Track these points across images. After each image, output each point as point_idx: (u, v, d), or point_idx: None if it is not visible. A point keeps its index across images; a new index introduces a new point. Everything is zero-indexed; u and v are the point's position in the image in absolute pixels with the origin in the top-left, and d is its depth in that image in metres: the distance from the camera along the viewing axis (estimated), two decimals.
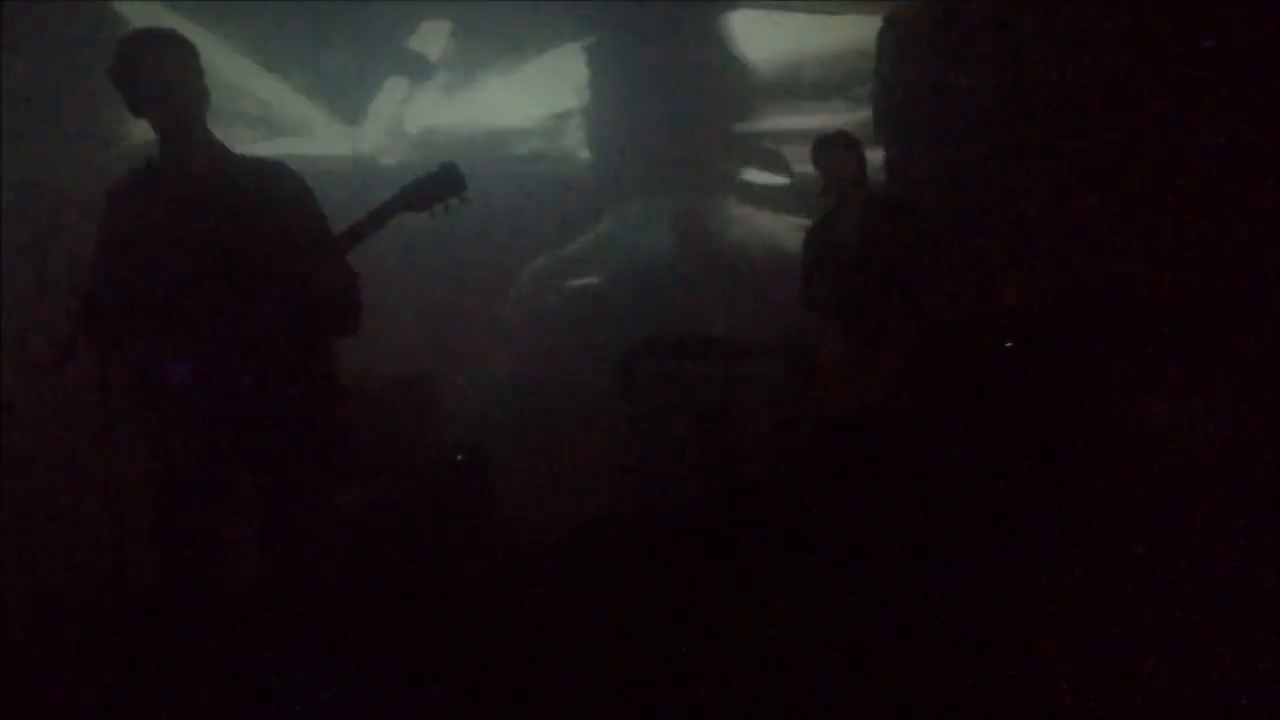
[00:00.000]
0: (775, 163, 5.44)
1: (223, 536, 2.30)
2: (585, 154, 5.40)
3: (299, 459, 2.31)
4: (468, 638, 2.89)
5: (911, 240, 3.42)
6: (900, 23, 4.16)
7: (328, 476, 2.42)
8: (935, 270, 3.44)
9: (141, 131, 2.31)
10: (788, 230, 5.27)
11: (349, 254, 2.26)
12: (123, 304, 2.22)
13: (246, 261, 2.23)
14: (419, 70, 5.22)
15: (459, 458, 3.76)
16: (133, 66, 2.20)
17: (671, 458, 3.87)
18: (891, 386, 3.30)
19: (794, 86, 5.43)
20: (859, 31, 4.98)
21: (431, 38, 5.15)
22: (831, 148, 3.50)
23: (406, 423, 3.83)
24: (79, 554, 2.77)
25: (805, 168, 3.88)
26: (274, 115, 5.10)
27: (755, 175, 5.58)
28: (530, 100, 5.45)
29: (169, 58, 2.23)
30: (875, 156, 3.92)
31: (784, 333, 3.82)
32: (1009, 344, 3.27)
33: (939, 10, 3.87)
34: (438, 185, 2.27)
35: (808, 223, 3.77)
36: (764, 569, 3.10)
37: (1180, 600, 2.42)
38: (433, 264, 4.35)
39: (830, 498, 3.17)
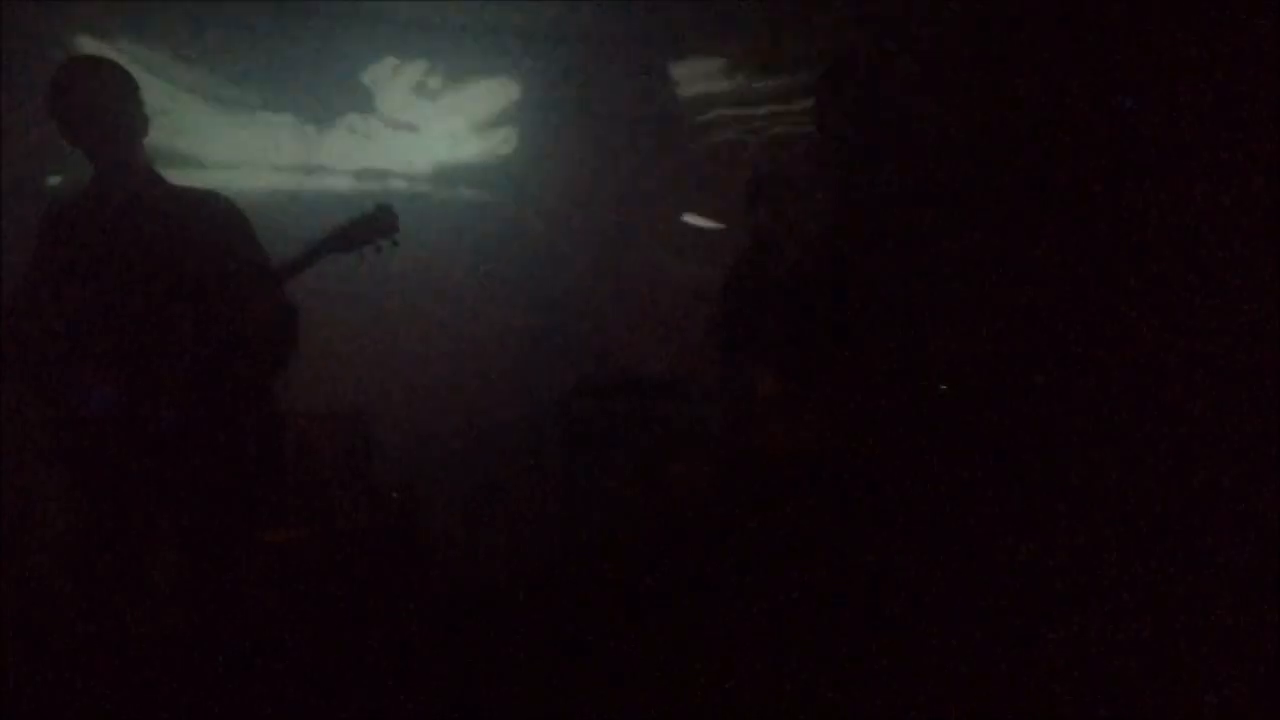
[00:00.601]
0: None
1: (143, 574, 2.22)
2: (527, 198, 5.44)
3: (224, 495, 2.26)
4: (399, 679, 2.84)
5: (847, 279, 3.44)
6: (838, 70, 4.24)
7: (254, 514, 2.36)
8: (872, 308, 3.47)
9: (78, 158, 2.26)
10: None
11: (279, 288, 2.24)
12: (46, 330, 2.17)
13: (176, 291, 2.20)
14: (366, 105, 5.20)
15: (394, 495, 3.72)
16: (68, 94, 2.17)
17: (607, 497, 3.87)
18: (828, 426, 3.32)
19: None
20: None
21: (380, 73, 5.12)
22: (770, 186, 3.51)
23: (340, 459, 3.78)
24: None
25: None
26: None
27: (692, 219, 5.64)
28: (475, 141, 5.46)
29: (104, 86, 2.20)
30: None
31: (718, 373, 3.83)
32: (944, 387, 3.30)
33: (876, 58, 3.94)
34: (371, 226, 2.26)
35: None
36: (700, 610, 3.10)
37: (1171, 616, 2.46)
38: (369, 301, 4.32)
39: (766, 538, 3.19)
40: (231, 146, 4.70)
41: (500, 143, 5.43)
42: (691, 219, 5.52)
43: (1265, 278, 2.35)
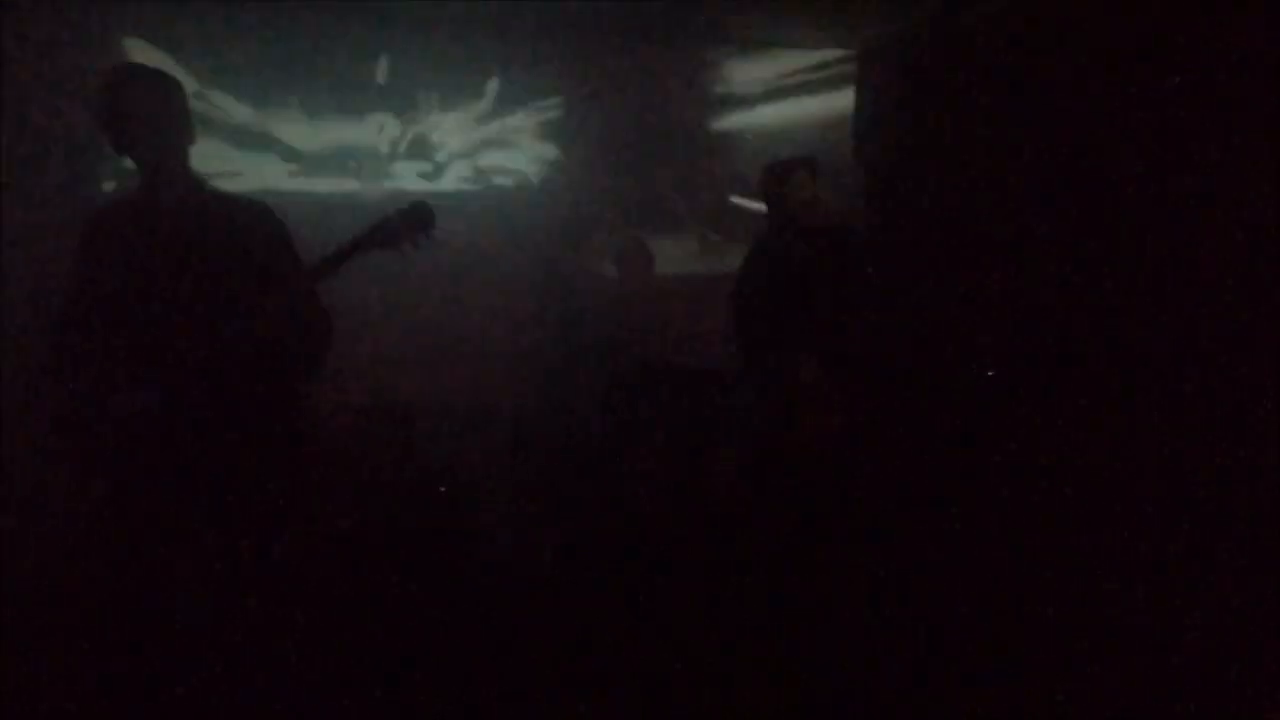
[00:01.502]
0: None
1: (176, 573, 2.25)
2: (559, 187, 5.48)
3: (254, 496, 2.29)
4: (446, 670, 2.87)
5: (870, 264, 3.39)
6: (875, 53, 4.17)
7: (283, 514, 2.38)
8: (898, 295, 3.42)
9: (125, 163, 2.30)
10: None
11: (316, 289, 2.26)
12: (90, 333, 2.22)
13: (215, 296, 2.23)
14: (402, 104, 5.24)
15: (441, 489, 3.75)
16: (116, 102, 2.20)
17: (647, 487, 3.86)
18: (863, 415, 3.29)
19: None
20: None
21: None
22: (788, 172, 3.43)
23: (386, 454, 3.82)
24: None
25: None
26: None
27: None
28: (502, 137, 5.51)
29: (152, 94, 2.23)
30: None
31: (750, 362, 3.80)
32: (990, 372, 3.26)
33: (914, 40, 3.87)
34: (408, 223, 2.28)
35: None
36: (738, 599, 3.10)
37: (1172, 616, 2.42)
38: (410, 295, 4.36)
39: (803, 527, 3.17)
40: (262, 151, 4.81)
41: (529, 138, 5.48)
42: (739, 200, 5.47)
43: (1266, 277, 2.29)
